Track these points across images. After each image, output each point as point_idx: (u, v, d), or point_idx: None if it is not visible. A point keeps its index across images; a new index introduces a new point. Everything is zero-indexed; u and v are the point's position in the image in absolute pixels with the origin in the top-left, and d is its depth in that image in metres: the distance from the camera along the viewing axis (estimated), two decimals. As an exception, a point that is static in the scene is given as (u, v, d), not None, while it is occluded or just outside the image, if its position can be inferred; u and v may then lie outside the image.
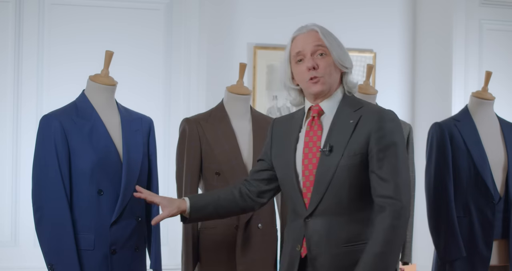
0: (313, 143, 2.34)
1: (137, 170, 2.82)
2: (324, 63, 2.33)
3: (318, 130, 2.35)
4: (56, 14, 4.34)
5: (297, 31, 2.40)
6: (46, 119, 2.76)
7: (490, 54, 4.85)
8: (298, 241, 2.33)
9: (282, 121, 2.53)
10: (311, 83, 2.34)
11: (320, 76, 2.32)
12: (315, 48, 2.34)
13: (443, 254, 3.32)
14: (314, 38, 2.35)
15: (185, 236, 3.05)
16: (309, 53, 2.34)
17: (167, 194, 4.19)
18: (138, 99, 4.16)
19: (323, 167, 2.29)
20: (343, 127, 2.31)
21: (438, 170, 3.35)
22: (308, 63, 2.33)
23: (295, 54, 2.37)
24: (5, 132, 4.25)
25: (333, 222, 2.28)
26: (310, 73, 2.33)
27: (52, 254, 2.69)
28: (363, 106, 2.36)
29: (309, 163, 2.32)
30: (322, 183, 2.28)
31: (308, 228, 2.31)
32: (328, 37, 2.36)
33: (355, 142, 2.28)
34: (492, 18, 4.86)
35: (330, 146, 2.29)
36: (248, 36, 4.74)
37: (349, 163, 2.27)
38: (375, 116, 2.30)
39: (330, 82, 2.35)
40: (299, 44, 2.37)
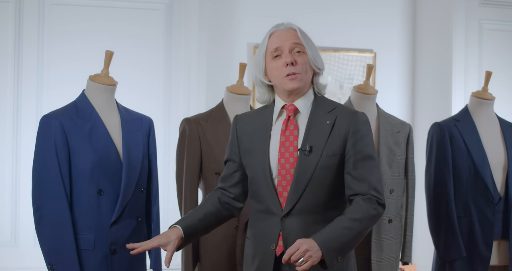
0: (290, 143, 2.34)
1: (137, 170, 2.82)
2: (301, 60, 2.36)
3: (294, 130, 2.36)
4: (56, 14, 4.34)
5: (275, 28, 2.42)
6: (46, 119, 2.76)
7: (490, 54, 4.85)
8: (273, 240, 2.33)
9: (246, 119, 2.50)
10: (288, 80, 2.34)
11: (297, 73, 2.34)
12: (294, 46, 2.36)
13: (443, 254, 3.32)
14: (292, 36, 2.37)
15: (185, 236, 3.05)
16: (287, 50, 2.35)
17: (167, 194, 4.22)
18: (138, 99, 4.16)
19: (302, 167, 2.30)
20: (320, 128, 2.34)
21: (438, 170, 3.35)
22: (287, 58, 2.34)
23: (272, 50, 2.38)
24: (5, 132, 4.25)
25: (309, 220, 2.31)
26: (288, 69, 2.34)
27: (52, 254, 2.69)
28: (336, 107, 2.40)
29: (286, 162, 2.33)
30: (300, 182, 2.30)
31: (285, 226, 2.31)
32: (305, 37, 2.40)
33: (333, 142, 2.32)
34: (492, 18, 4.86)
35: (309, 146, 2.31)
36: (248, 36, 4.74)
37: (327, 163, 2.31)
38: (350, 117, 2.35)
39: (305, 80, 2.37)
40: (277, 40, 2.38)
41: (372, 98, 3.29)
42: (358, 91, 3.27)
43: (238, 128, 2.48)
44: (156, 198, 2.95)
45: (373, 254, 3.11)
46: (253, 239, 2.42)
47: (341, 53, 4.90)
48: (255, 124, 2.45)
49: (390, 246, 3.20)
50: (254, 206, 2.43)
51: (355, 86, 3.32)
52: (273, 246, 2.33)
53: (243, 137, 2.45)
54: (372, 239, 3.11)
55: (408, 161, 3.27)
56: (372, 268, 3.10)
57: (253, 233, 2.42)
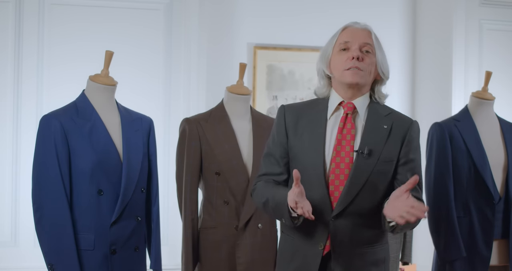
0: (347, 142, 2.31)
1: (137, 170, 2.82)
2: (368, 60, 2.33)
3: (351, 129, 2.33)
4: (56, 14, 4.34)
5: (351, 23, 2.40)
6: (46, 119, 2.76)
7: (490, 54, 4.85)
8: (321, 240, 2.30)
9: (297, 110, 2.42)
10: (349, 73, 2.31)
11: (362, 69, 2.31)
12: (364, 44, 2.34)
13: (443, 254, 3.32)
14: (366, 35, 2.36)
15: (185, 236, 3.05)
16: (357, 45, 2.33)
17: (167, 194, 4.22)
18: (138, 99, 4.16)
19: (358, 169, 2.28)
20: (378, 132, 2.32)
21: (438, 170, 3.35)
22: (354, 52, 2.31)
23: (342, 42, 2.35)
24: (5, 132, 4.24)
25: (358, 223, 2.30)
26: (353, 62, 2.31)
27: (52, 254, 2.69)
28: (392, 112, 2.39)
29: (341, 161, 2.30)
30: (355, 184, 2.28)
31: (334, 227, 2.29)
32: (378, 42, 2.39)
33: (390, 148, 2.32)
34: (492, 18, 4.86)
35: (369, 149, 2.29)
36: (248, 36, 4.73)
37: (383, 168, 2.30)
38: (407, 125, 2.36)
39: (367, 79, 2.34)
40: (349, 34, 2.36)
41: (372, 98, 3.29)
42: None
43: (286, 118, 2.41)
44: (156, 198, 2.95)
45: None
46: (294, 236, 2.37)
47: (341, 53, 4.90)
48: (307, 116, 2.39)
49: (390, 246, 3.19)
50: None
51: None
52: (321, 245, 2.30)
53: (293, 128, 2.39)
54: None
55: (408, 161, 3.27)
56: (372, 268, 3.10)
57: (296, 231, 2.36)
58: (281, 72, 4.74)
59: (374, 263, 2.34)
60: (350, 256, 2.30)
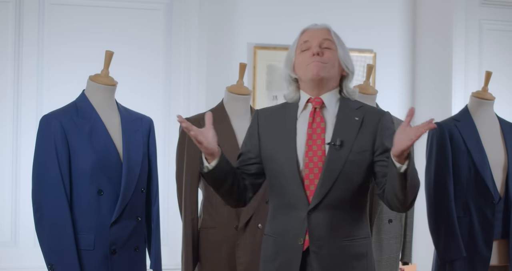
0: (317, 135, 2.34)
1: (137, 170, 2.82)
2: (329, 54, 2.37)
3: (321, 122, 2.35)
4: (56, 14, 4.34)
5: (309, 26, 2.45)
6: (46, 119, 2.76)
7: (490, 54, 4.85)
8: (300, 235, 2.31)
9: (269, 113, 2.48)
10: (312, 66, 2.34)
11: (322, 62, 2.34)
12: (323, 41, 2.38)
13: (443, 254, 3.32)
14: (324, 33, 2.40)
15: (185, 236, 3.05)
16: (316, 42, 2.37)
17: (167, 194, 4.22)
18: (138, 99, 4.16)
19: (331, 161, 2.30)
20: (349, 124, 2.35)
21: (438, 170, 3.35)
22: (314, 49, 2.35)
23: (302, 43, 2.39)
24: (5, 132, 4.24)
25: (335, 216, 2.30)
26: (314, 58, 2.34)
27: (52, 254, 2.69)
28: (363, 106, 2.42)
29: (313, 155, 2.32)
30: (329, 176, 2.29)
31: (311, 221, 2.30)
32: (338, 38, 2.42)
33: (363, 138, 2.32)
34: (492, 18, 4.86)
35: (340, 140, 2.30)
36: (248, 36, 4.73)
37: (356, 159, 2.31)
38: (378, 116, 2.38)
39: (330, 73, 2.37)
40: (308, 35, 2.41)
41: (372, 98, 3.29)
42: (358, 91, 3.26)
43: (260, 121, 2.46)
44: (156, 198, 2.95)
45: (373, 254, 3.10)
46: (275, 235, 2.38)
47: (341, 53, 4.90)
48: (278, 118, 2.43)
49: (390, 246, 3.20)
50: (275, 201, 2.40)
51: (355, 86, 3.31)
52: (301, 240, 2.31)
53: (266, 131, 2.42)
54: (372, 239, 3.11)
55: (408, 161, 3.26)
56: (372, 268, 3.10)
57: (275, 229, 2.38)
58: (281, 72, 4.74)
59: (355, 257, 2.33)
60: (330, 250, 2.29)
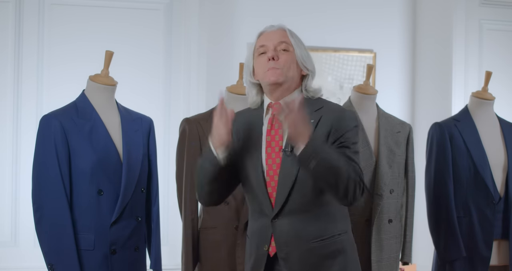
0: (276, 142, 2.33)
1: (137, 170, 2.82)
2: (285, 57, 2.35)
3: (279, 129, 2.34)
4: (56, 14, 4.34)
5: (265, 28, 2.44)
6: (46, 119, 2.76)
7: (490, 54, 4.85)
8: (265, 241, 2.32)
9: (242, 116, 2.45)
10: (268, 73, 2.33)
11: (278, 68, 2.32)
12: (279, 43, 2.36)
13: (443, 254, 3.32)
14: (280, 35, 2.38)
15: (185, 236, 3.05)
16: (272, 46, 2.36)
17: (167, 194, 4.22)
18: (138, 99, 4.16)
19: (286, 168, 2.29)
20: None
21: (438, 170, 3.35)
22: (269, 53, 2.34)
23: (258, 47, 2.39)
24: (5, 132, 4.25)
25: (300, 220, 2.30)
26: (270, 63, 2.33)
27: (52, 254, 2.69)
28: (324, 107, 2.36)
29: (272, 162, 2.32)
30: (286, 183, 2.28)
31: (276, 227, 2.31)
32: (295, 38, 2.40)
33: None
34: (492, 18, 4.86)
35: (291, 146, 2.27)
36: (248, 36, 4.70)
37: None
38: (335, 116, 2.32)
39: (288, 76, 2.34)
40: (264, 38, 2.40)
41: (372, 98, 3.29)
42: (358, 91, 3.27)
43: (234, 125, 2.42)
44: (156, 198, 2.95)
45: (373, 254, 3.10)
46: (250, 238, 2.42)
47: (341, 53, 4.90)
48: (249, 122, 2.42)
49: (390, 246, 3.20)
50: (249, 205, 2.43)
51: (355, 86, 3.32)
52: (266, 247, 2.32)
53: (237, 134, 2.42)
54: (372, 239, 3.11)
55: (408, 161, 3.27)
56: (372, 268, 3.10)
57: (251, 232, 2.42)
58: (243, 78, 4.74)
59: (329, 255, 2.30)
60: (298, 254, 2.29)
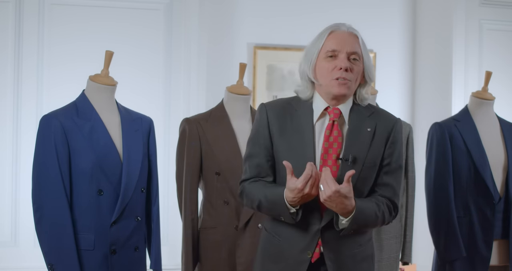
0: (333, 150, 2.27)
1: (137, 170, 2.82)
2: (356, 69, 2.29)
3: (338, 137, 2.29)
4: (56, 14, 4.34)
5: (335, 27, 2.32)
6: (46, 119, 2.76)
7: (490, 54, 4.85)
8: (309, 248, 2.29)
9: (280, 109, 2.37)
10: (337, 84, 2.26)
11: (349, 80, 2.27)
12: (352, 53, 2.28)
13: (443, 254, 3.32)
14: (353, 42, 2.29)
15: (185, 236, 3.05)
16: (344, 54, 2.27)
17: (167, 194, 4.22)
18: (138, 99, 4.16)
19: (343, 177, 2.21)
20: (362, 136, 2.29)
21: (438, 170, 3.35)
22: (343, 63, 2.25)
23: (329, 50, 2.28)
24: (5, 132, 4.25)
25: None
26: (340, 73, 2.26)
27: (52, 254, 2.69)
28: (375, 112, 2.36)
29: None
30: None
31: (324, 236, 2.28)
32: (364, 46, 2.33)
33: (374, 153, 2.29)
34: (492, 18, 4.86)
35: (353, 157, 2.25)
36: (248, 36, 4.74)
37: (368, 174, 2.28)
38: (390, 125, 2.34)
39: (353, 89, 2.32)
40: (337, 41, 2.28)
41: (372, 98, 3.29)
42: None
43: (270, 119, 2.36)
44: (156, 198, 2.95)
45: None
46: (280, 238, 2.35)
47: (341, 53, 4.90)
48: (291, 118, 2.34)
49: (390, 246, 3.20)
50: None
51: (355, 86, 3.32)
52: (309, 253, 2.29)
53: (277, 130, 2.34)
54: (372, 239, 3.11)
55: (408, 161, 3.27)
56: (372, 268, 3.10)
57: (280, 232, 2.35)
58: (281, 72, 4.74)
59: (364, 259, 2.36)
60: (341, 259, 2.29)
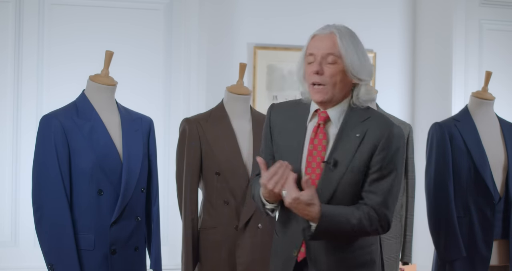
0: (318, 152, 2.27)
1: (137, 170, 2.82)
2: (331, 71, 2.24)
3: (323, 140, 2.28)
4: (56, 14, 4.34)
5: (318, 30, 2.30)
6: (46, 119, 2.76)
7: (490, 54, 4.85)
8: (295, 246, 2.31)
9: (284, 110, 2.39)
10: (314, 91, 2.26)
11: (323, 83, 2.24)
12: (326, 55, 2.24)
13: (443, 254, 3.32)
14: (328, 44, 2.24)
15: (185, 236, 3.05)
16: (319, 57, 2.25)
17: (167, 194, 4.22)
18: (138, 99, 4.16)
19: (326, 181, 2.24)
20: (349, 141, 2.24)
21: (438, 170, 3.35)
22: (313, 67, 2.25)
23: (308, 54, 2.28)
24: (5, 132, 4.24)
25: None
26: (314, 77, 2.24)
27: (52, 254, 2.69)
28: (371, 117, 2.28)
29: (312, 172, 2.27)
30: (323, 196, 2.23)
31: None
32: (346, 43, 2.24)
33: (360, 158, 2.23)
34: (492, 18, 4.86)
35: (335, 160, 2.23)
36: (248, 36, 4.73)
37: (351, 179, 2.24)
38: (382, 132, 2.24)
39: (334, 93, 2.26)
40: (314, 45, 2.27)
41: (372, 98, 3.29)
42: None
43: (272, 119, 2.38)
44: (156, 198, 2.95)
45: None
46: (278, 236, 2.40)
47: (341, 53, 4.90)
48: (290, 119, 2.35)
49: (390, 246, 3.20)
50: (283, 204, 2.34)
51: (355, 86, 3.32)
52: (295, 252, 2.31)
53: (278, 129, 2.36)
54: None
55: (408, 161, 3.27)
56: (372, 268, 3.10)
57: (282, 232, 2.38)
58: (281, 72, 4.74)
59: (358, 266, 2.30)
60: (328, 262, 2.28)
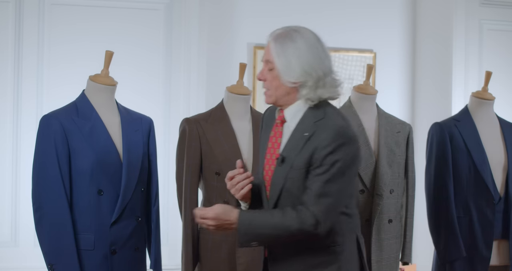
0: (274, 150, 2.35)
1: (137, 170, 2.82)
2: (270, 77, 2.31)
3: (278, 138, 2.36)
4: (56, 14, 4.34)
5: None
6: (46, 119, 2.76)
7: (490, 54, 4.85)
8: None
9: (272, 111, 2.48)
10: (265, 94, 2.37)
11: (266, 88, 2.34)
12: (266, 62, 2.32)
13: (443, 254, 3.32)
14: (267, 50, 2.33)
15: (185, 236, 3.05)
16: (263, 64, 2.34)
17: (167, 194, 4.22)
18: (138, 99, 4.16)
19: (276, 177, 2.31)
20: (298, 139, 2.29)
21: (438, 170, 3.35)
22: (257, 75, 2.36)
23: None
24: (5, 133, 4.24)
25: None
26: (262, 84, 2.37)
27: (52, 254, 2.69)
28: (324, 118, 2.29)
29: (269, 169, 2.35)
30: (274, 191, 2.30)
31: None
32: (276, 48, 2.28)
33: (303, 156, 2.25)
34: (492, 18, 4.86)
35: (282, 157, 2.29)
36: (248, 36, 4.73)
37: (295, 176, 2.26)
38: (328, 131, 2.24)
39: (277, 96, 2.31)
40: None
41: (372, 99, 3.29)
42: (358, 91, 3.27)
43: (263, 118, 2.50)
44: (156, 198, 2.96)
45: (373, 254, 3.11)
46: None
47: (341, 53, 4.90)
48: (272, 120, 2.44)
49: (390, 246, 3.20)
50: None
51: (355, 86, 3.33)
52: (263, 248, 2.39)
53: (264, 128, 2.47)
54: (372, 239, 3.11)
55: (408, 161, 3.27)
56: (372, 268, 3.11)
57: None
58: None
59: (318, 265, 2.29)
60: (287, 259, 2.31)
